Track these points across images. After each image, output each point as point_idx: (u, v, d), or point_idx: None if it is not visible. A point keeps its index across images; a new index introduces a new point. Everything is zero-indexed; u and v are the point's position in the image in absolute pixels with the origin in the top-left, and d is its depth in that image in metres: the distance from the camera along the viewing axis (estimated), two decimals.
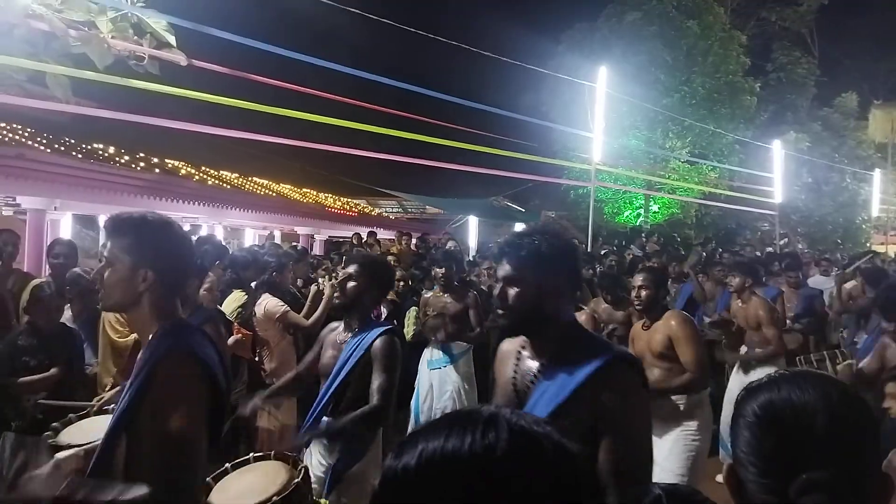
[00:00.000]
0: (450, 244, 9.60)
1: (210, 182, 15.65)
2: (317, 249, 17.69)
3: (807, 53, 24.11)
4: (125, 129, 7.04)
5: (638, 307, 3.90)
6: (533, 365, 1.76)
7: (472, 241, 16.08)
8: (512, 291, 1.71)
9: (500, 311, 1.75)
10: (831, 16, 24.75)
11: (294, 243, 19.19)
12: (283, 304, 4.90)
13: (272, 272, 5.14)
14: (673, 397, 3.62)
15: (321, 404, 2.84)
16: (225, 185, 16.44)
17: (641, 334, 3.90)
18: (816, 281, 8.05)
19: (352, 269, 2.97)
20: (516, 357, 1.82)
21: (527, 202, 22.36)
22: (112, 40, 3.45)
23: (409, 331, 5.35)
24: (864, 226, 24.23)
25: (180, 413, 1.47)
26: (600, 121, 10.91)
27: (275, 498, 1.98)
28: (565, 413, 1.55)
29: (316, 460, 2.83)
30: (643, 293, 3.82)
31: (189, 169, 15.68)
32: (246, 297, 4.92)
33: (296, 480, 2.06)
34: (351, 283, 2.93)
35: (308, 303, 5.21)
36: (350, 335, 2.94)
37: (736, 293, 5.26)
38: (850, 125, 24.65)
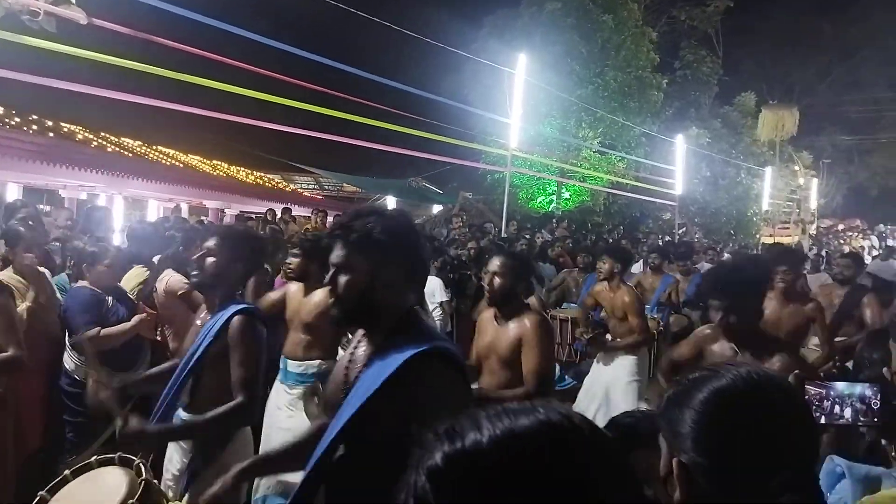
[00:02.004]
0: None
1: (110, 149, 14.75)
2: (227, 223, 17.09)
3: (712, 53, 25.44)
4: (16, 90, 6.51)
5: (489, 298, 3.16)
6: (365, 353, 1.65)
7: None
8: (342, 279, 1.57)
9: (330, 301, 1.61)
10: (736, 17, 26.27)
11: (202, 217, 18.46)
12: (186, 281, 4.68)
13: (178, 247, 4.92)
14: None
15: (169, 397, 2.42)
16: (126, 153, 15.54)
17: (489, 329, 3.19)
18: (704, 269, 8.58)
19: (211, 242, 2.54)
20: (357, 343, 1.72)
21: (445, 184, 22.51)
22: None
23: None
24: (754, 218, 26.01)
25: None
26: (518, 107, 11.13)
27: None
28: (376, 405, 1.46)
29: (176, 457, 2.54)
30: (496, 281, 3.08)
31: (87, 134, 14.70)
32: (147, 272, 4.69)
33: (131, 502, 1.85)
34: (210, 259, 2.50)
35: None
36: (210, 316, 2.53)
37: (606, 279, 4.93)
38: (747, 123, 26.32)
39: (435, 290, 6.37)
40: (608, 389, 4.54)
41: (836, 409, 1.38)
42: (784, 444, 0.93)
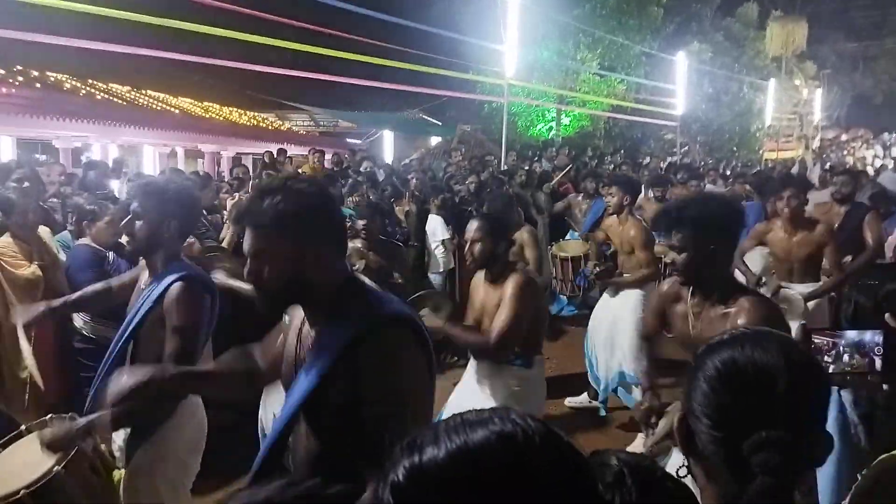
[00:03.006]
0: (364, 164, 9.40)
1: (99, 97, 14.47)
2: (224, 166, 16.97)
3: None
4: None
5: (471, 265, 3.12)
6: (312, 332, 1.56)
7: (388, 156, 15.87)
8: (263, 268, 1.46)
9: (253, 288, 1.50)
10: None
11: (200, 159, 18.30)
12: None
13: None
14: (505, 367, 3.04)
15: (108, 364, 2.27)
16: (116, 99, 15.25)
17: (479, 291, 3.14)
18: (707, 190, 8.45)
19: (135, 204, 2.30)
20: (302, 321, 1.60)
21: (442, 114, 22.13)
22: None
23: None
24: (757, 134, 25.63)
25: None
26: (513, 32, 10.79)
27: (23, 491, 1.75)
28: (329, 384, 1.41)
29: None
30: (476, 247, 3.01)
31: (74, 82, 14.39)
32: None
33: (56, 468, 1.79)
34: (137, 223, 2.27)
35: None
36: (153, 280, 2.32)
37: (614, 212, 4.72)
38: (749, 35, 25.51)
39: (436, 229, 6.38)
40: (614, 322, 4.53)
41: (846, 357, 1.39)
42: (777, 410, 0.94)
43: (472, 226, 3.08)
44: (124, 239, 2.38)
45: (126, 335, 2.27)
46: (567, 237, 7.09)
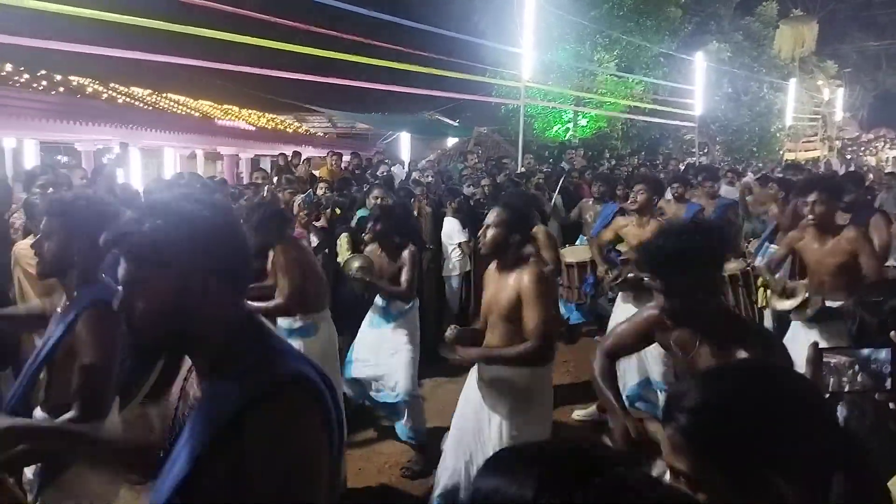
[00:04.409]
0: (382, 168, 9.44)
1: (120, 100, 14.67)
2: (243, 168, 17.13)
3: None
4: (22, 47, 6.44)
5: (482, 251, 3.10)
6: (196, 388, 1.28)
7: (406, 157, 15.94)
8: (133, 300, 1.19)
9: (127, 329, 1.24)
10: None
11: (219, 161, 18.48)
12: None
13: None
14: (510, 370, 2.93)
15: (20, 390, 2.09)
16: (137, 102, 15.46)
17: (491, 282, 3.07)
18: (723, 191, 8.32)
19: (44, 223, 2.12)
20: (188, 372, 1.32)
21: (459, 116, 22.14)
22: None
23: (342, 258, 5.24)
24: (777, 134, 25.33)
25: None
26: (530, 35, 10.79)
27: None
28: (209, 460, 1.13)
29: None
30: (490, 232, 2.97)
31: (96, 86, 14.61)
32: None
33: None
34: (46, 244, 2.09)
35: None
36: (69, 304, 2.12)
37: (638, 211, 4.51)
38: (769, 34, 25.19)
39: (452, 232, 6.41)
40: None
41: (859, 376, 1.37)
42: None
43: (492, 212, 3.04)
44: (34, 260, 2.16)
45: (37, 364, 2.08)
46: (577, 242, 6.94)
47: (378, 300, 4.40)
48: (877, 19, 29.85)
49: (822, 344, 1.55)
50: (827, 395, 1.37)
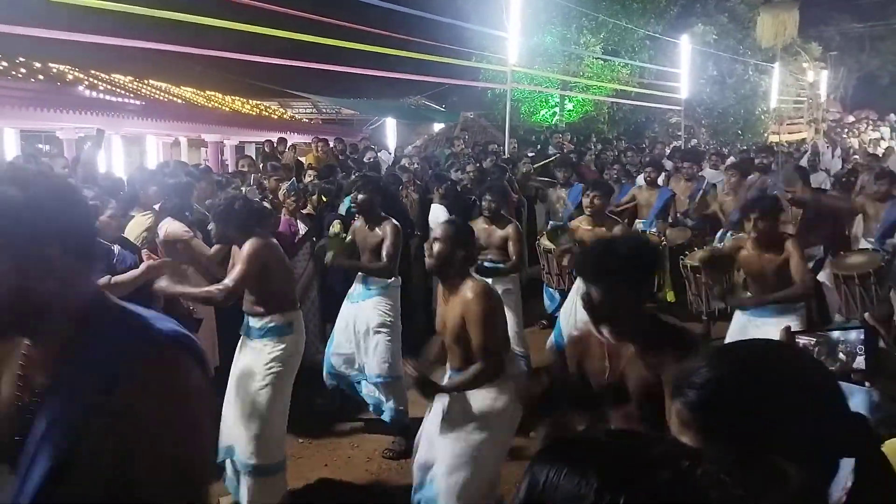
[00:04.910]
0: (368, 155, 9.38)
1: (101, 87, 14.44)
2: (227, 155, 16.97)
3: None
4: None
5: (428, 262, 2.98)
6: (39, 379, 1.15)
7: (392, 143, 15.86)
8: None
9: None
10: None
11: (203, 148, 18.29)
12: (186, 228, 4.50)
13: (175, 200, 4.80)
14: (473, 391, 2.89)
15: None
16: (119, 90, 15.23)
17: (441, 300, 3.05)
18: (707, 174, 8.34)
19: None
20: (23, 358, 1.18)
21: (445, 101, 22.03)
22: None
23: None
24: (762, 117, 25.42)
25: None
26: (516, 18, 10.71)
27: None
28: (78, 447, 1.04)
29: None
30: (435, 246, 2.91)
31: (76, 73, 14.38)
32: (150, 220, 4.64)
33: None
34: None
35: None
36: None
37: (592, 215, 4.93)
38: (754, 17, 25.15)
39: (440, 218, 6.38)
40: None
41: (832, 356, 1.39)
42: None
43: (438, 227, 3.06)
44: None
45: None
46: (549, 225, 6.93)
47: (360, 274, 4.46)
48: (860, 1, 29.93)
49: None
50: None
